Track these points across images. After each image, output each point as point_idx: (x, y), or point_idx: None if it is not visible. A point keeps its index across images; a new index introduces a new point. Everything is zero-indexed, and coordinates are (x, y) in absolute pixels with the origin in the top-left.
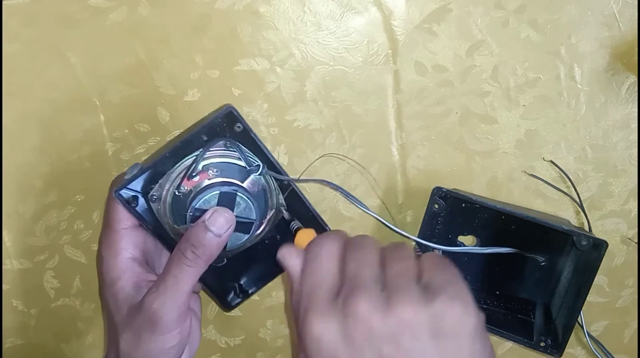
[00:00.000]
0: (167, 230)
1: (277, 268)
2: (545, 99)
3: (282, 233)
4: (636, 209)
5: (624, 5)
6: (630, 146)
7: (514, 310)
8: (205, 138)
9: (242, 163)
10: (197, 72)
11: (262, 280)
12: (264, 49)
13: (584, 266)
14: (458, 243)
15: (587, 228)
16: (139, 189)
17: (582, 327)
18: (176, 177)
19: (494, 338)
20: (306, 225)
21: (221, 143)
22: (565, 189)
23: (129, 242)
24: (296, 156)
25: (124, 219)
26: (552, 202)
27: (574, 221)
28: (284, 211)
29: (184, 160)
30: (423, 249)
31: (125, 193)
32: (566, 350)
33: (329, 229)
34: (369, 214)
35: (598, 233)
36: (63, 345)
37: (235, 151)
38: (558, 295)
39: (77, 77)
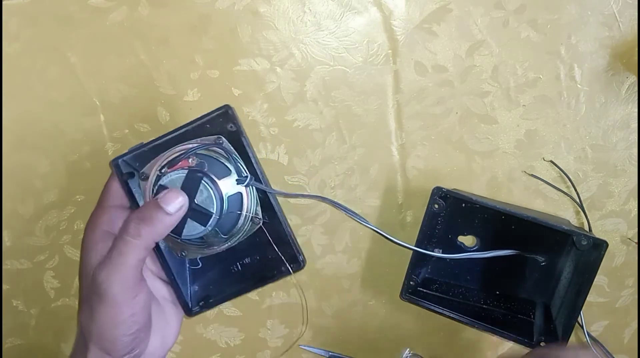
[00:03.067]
0: None
1: (248, 287)
2: (545, 99)
3: (263, 256)
4: (636, 209)
5: (624, 5)
6: (630, 146)
7: (514, 310)
8: (200, 131)
9: (227, 164)
10: (197, 72)
11: (230, 295)
12: (264, 49)
13: (584, 266)
14: (458, 243)
15: (587, 228)
16: (137, 166)
17: (582, 327)
18: (164, 159)
19: (494, 338)
20: (280, 247)
21: (213, 138)
22: (565, 189)
23: (111, 218)
24: (296, 156)
25: (113, 198)
26: (552, 202)
27: (574, 221)
28: (259, 224)
29: (177, 146)
30: (421, 256)
31: (123, 166)
32: None
33: (302, 256)
34: (368, 227)
35: (598, 233)
36: (63, 345)
37: (222, 150)
38: (558, 295)
39: (77, 77)
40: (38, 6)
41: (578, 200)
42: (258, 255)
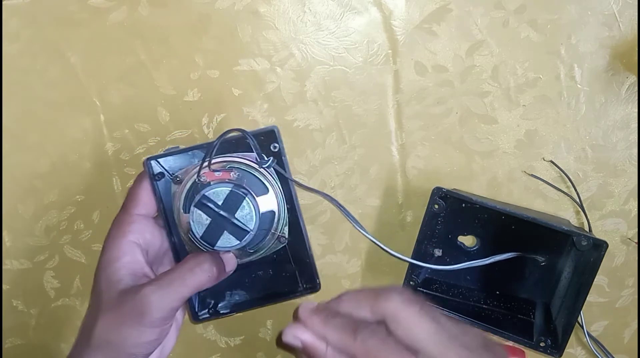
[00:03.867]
0: (175, 217)
1: (259, 301)
2: (545, 99)
3: (277, 272)
4: (636, 209)
5: (624, 5)
6: (630, 146)
7: (514, 310)
8: (241, 145)
9: (265, 182)
10: (197, 72)
11: (239, 307)
12: (264, 49)
13: (584, 266)
14: (458, 243)
15: (587, 228)
16: (168, 169)
17: (582, 327)
18: (202, 167)
19: (494, 338)
20: (301, 270)
21: (254, 154)
22: (565, 189)
23: (139, 229)
24: (296, 156)
25: (141, 206)
26: (552, 202)
27: (574, 221)
28: (284, 244)
29: (215, 156)
30: (421, 257)
31: (155, 167)
32: (566, 350)
33: (319, 280)
34: (367, 236)
35: (598, 233)
36: (63, 345)
37: (262, 168)
38: (558, 295)
39: (77, 77)
40: (38, 6)
41: (578, 200)
42: (272, 270)
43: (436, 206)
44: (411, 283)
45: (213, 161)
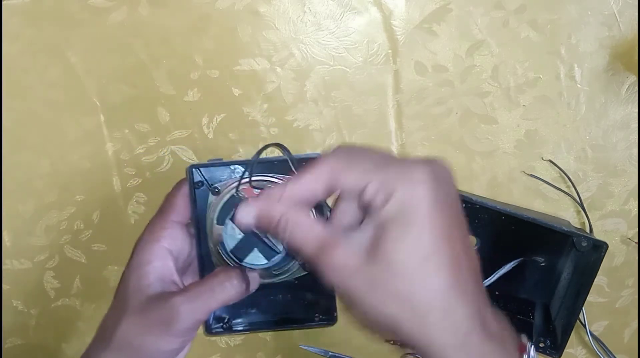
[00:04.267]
0: (207, 227)
1: (273, 324)
2: (545, 99)
3: (295, 298)
4: (636, 209)
5: (624, 5)
6: (630, 146)
7: (513, 310)
8: (284, 168)
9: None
10: (197, 72)
11: (253, 326)
12: (264, 49)
13: (583, 267)
14: None
15: (587, 228)
16: (208, 178)
17: (584, 326)
18: (241, 182)
19: None
20: (320, 300)
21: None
22: (565, 189)
23: (172, 235)
24: None
25: (177, 212)
26: (552, 202)
27: (575, 221)
28: (308, 270)
29: (255, 173)
30: None
31: (196, 175)
32: (566, 350)
33: (337, 312)
34: None
35: (598, 233)
36: (63, 345)
37: None
38: (557, 295)
39: (77, 77)
40: (38, 6)
41: (578, 200)
42: (291, 295)
43: None
44: None
45: (253, 178)
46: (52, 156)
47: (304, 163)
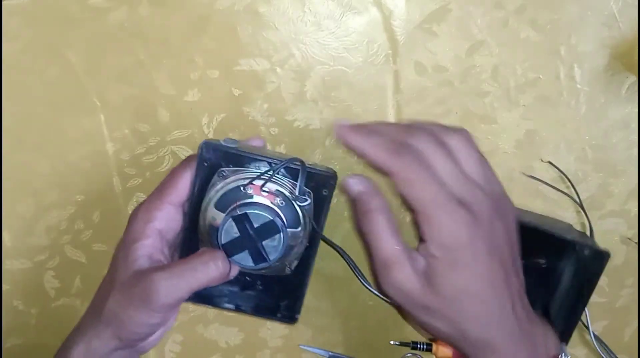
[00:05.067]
0: (202, 209)
1: (246, 308)
2: (545, 99)
3: (266, 288)
4: (636, 209)
5: (624, 5)
6: (630, 146)
7: None
8: (294, 174)
9: (300, 216)
10: (197, 72)
11: (213, 301)
12: (264, 49)
13: (584, 273)
14: None
15: (587, 228)
16: (216, 159)
17: (587, 327)
18: (252, 177)
19: None
20: (287, 299)
21: (308, 191)
22: (565, 189)
23: (167, 217)
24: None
25: (177, 194)
26: (552, 202)
27: (574, 221)
28: (286, 273)
29: (272, 175)
30: None
31: (208, 152)
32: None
33: (298, 315)
34: (372, 292)
35: (598, 233)
36: None
37: (304, 202)
38: (558, 298)
39: (77, 77)
40: (38, 6)
41: (578, 200)
42: (262, 285)
43: None
44: None
45: (264, 178)
46: (52, 156)
47: (320, 176)
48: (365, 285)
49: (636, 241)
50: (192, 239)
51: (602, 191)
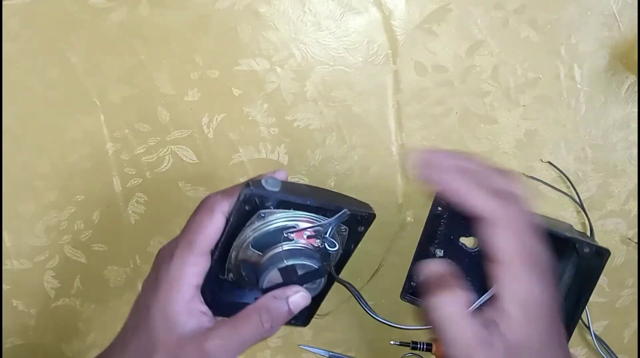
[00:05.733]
0: (235, 246)
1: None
2: (545, 99)
3: None
4: (636, 209)
5: (624, 5)
6: (630, 146)
7: None
8: (333, 213)
9: (331, 252)
10: (197, 72)
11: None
12: (264, 49)
13: (585, 271)
14: (460, 244)
15: (588, 228)
16: (260, 203)
17: (588, 327)
18: (294, 221)
19: None
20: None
21: (343, 228)
22: (565, 190)
23: (201, 271)
24: (296, 156)
25: (205, 243)
26: (552, 202)
27: (575, 221)
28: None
29: (312, 216)
30: (423, 256)
31: (252, 198)
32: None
33: (309, 321)
34: (374, 317)
35: (598, 233)
36: (63, 345)
37: (334, 247)
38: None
39: (77, 77)
40: (38, 6)
41: (578, 200)
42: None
43: (439, 208)
44: (412, 283)
45: (306, 222)
46: (52, 156)
47: (359, 218)
48: (372, 315)
49: (636, 241)
50: (218, 271)
51: (602, 191)
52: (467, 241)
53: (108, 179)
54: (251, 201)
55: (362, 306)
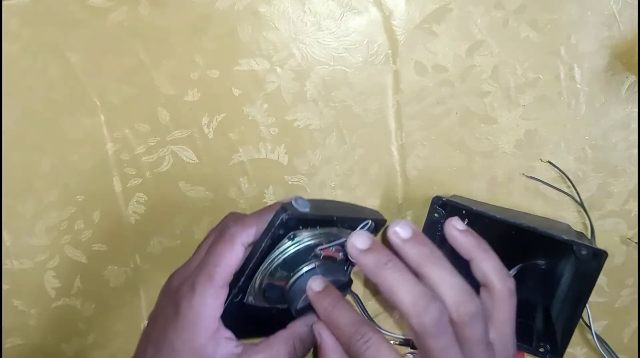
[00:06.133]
0: (264, 269)
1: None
2: (545, 99)
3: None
4: (636, 209)
5: (624, 5)
6: (630, 146)
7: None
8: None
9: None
10: (197, 72)
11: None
12: (264, 49)
13: (583, 273)
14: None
15: (588, 228)
16: (294, 226)
17: (589, 327)
18: (322, 238)
19: None
20: None
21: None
22: (565, 189)
23: (223, 302)
24: (296, 156)
25: (225, 275)
26: (553, 202)
27: (575, 221)
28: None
29: (337, 230)
30: None
31: (287, 223)
32: (566, 350)
33: None
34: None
35: (598, 233)
36: (63, 345)
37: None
38: (558, 299)
39: (77, 77)
40: (38, 6)
41: (579, 200)
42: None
43: (436, 215)
44: None
45: (333, 237)
46: (52, 156)
47: (375, 225)
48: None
49: (636, 241)
50: (236, 295)
51: (602, 191)
52: None
53: (108, 179)
54: (287, 226)
55: (361, 311)
